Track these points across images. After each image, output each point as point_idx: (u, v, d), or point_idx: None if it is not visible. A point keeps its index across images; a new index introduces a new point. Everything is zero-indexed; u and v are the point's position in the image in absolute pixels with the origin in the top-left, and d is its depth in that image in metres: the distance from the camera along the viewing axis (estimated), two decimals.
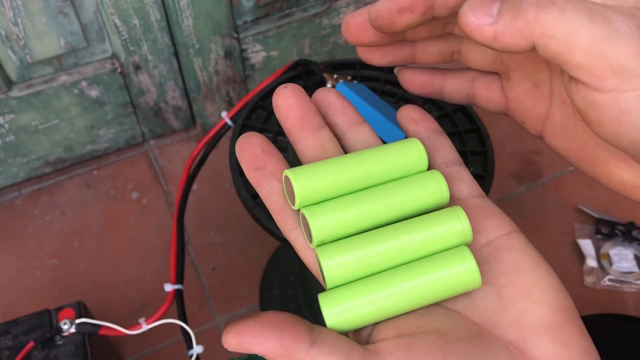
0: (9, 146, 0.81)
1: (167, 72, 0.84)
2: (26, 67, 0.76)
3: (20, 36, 0.72)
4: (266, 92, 0.54)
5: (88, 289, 0.76)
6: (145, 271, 0.77)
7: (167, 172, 0.89)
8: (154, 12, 0.76)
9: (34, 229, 0.82)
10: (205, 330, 0.72)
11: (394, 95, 0.54)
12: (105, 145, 0.89)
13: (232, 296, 0.75)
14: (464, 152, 0.49)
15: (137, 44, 0.79)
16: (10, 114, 0.78)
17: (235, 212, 0.83)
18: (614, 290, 0.75)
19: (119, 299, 0.75)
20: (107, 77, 0.81)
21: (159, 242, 0.80)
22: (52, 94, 0.79)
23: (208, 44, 0.81)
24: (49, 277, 0.77)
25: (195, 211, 0.84)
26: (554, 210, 0.83)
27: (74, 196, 0.86)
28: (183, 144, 0.93)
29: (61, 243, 0.81)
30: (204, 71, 0.85)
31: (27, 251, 0.80)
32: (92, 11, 0.74)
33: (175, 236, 0.47)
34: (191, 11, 0.76)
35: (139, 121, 0.89)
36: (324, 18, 0.88)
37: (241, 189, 0.46)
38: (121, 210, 0.84)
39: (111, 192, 0.86)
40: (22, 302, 0.75)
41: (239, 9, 0.82)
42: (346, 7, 0.89)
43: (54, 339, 0.51)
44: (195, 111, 0.91)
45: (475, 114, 0.52)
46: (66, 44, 0.75)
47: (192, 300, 0.75)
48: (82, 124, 0.84)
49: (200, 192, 0.86)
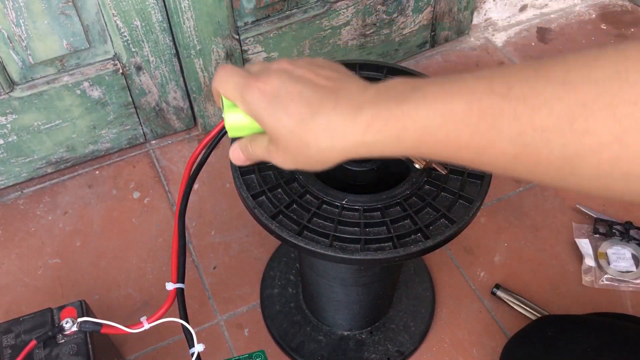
0: (12, 146, 0.82)
1: (169, 73, 0.85)
2: (28, 67, 0.76)
3: (22, 37, 0.72)
4: None
5: (90, 288, 0.76)
6: (146, 270, 0.78)
7: (169, 172, 0.89)
8: (155, 13, 0.76)
9: (36, 228, 0.83)
10: (206, 329, 0.73)
11: None
12: (107, 145, 0.90)
13: (232, 295, 0.76)
14: None
15: (139, 45, 0.79)
16: (13, 115, 0.79)
17: (236, 212, 0.84)
18: (612, 289, 0.75)
19: (121, 298, 0.75)
20: (109, 78, 0.81)
21: (160, 241, 0.81)
22: (55, 94, 0.79)
23: (209, 45, 0.82)
24: (51, 276, 0.77)
25: (196, 211, 0.84)
26: (552, 210, 0.84)
27: (76, 196, 0.86)
28: (184, 144, 0.93)
29: (63, 242, 0.81)
30: (205, 72, 0.85)
31: (29, 250, 0.80)
32: (94, 12, 0.75)
33: (177, 235, 0.48)
34: (192, 13, 0.77)
35: (140, 121, 0.89)
36: (324, 19, 0.89)
37: (242, 189, 0.47)
38: (123, 209, 0.85)
39: (113, 191, 0.87)
40: (25, 301, 0.75)
41: (239, 11, 0.82)
42: (346, 8, 0.89)
43: (56, 337, 0.51)
44: (197, 111, 0.91)
45: None
46: (68, 45, 0.75)
47: (193, 299, 0.75)
48: (84, 125, 0.85)
49: (201, 192, 0.86)
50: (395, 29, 0.98)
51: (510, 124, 0.30)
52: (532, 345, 0.58)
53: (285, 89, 0.38)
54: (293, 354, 0.69)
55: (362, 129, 0.35)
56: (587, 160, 0.28)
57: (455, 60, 1.05)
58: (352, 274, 0.57)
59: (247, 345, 0.71)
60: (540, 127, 0.29)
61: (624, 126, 0.27)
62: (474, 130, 0.31)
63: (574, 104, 0.28)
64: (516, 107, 0.30)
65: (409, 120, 0.33)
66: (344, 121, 0.35)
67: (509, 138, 0.30)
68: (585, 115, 0.28)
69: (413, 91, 0.34)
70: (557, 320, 0.60)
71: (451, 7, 1.02)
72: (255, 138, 0.41)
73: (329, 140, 0.36)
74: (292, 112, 0.37)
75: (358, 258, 0.42)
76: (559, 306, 0.74)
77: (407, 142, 0.34)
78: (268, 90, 0.38)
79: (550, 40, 1.09)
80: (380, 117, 0.34)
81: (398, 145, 0.34)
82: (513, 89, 0.30)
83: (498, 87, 0.31)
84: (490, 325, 0.73)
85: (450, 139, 0.32)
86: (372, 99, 0.35)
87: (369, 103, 0.35)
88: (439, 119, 0.32)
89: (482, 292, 0.76)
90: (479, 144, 0.32)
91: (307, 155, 0.38)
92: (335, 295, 0.62)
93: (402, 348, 0.70)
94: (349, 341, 0.70)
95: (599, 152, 0.28)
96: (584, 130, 0.28)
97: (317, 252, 0.43)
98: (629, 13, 1.15)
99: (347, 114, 0.35)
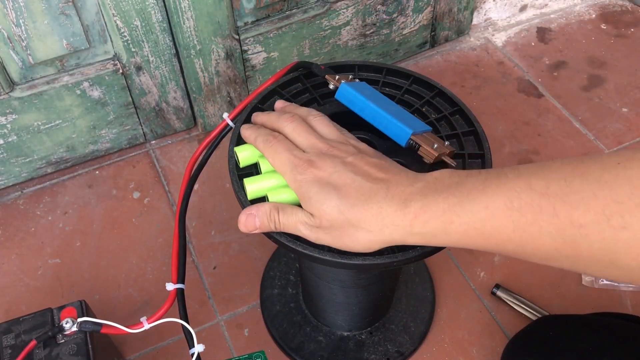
0: (12, 146, 0.82)
1: (169, 73, 0.85)
2: (28, 67, 0.76)
3: (22, 37, 0.72)
4: (267, 94, 0.54)
5: (90, 288, 0.76)
6: (146, 270, 0.78)
7: (169, 172, 0.89)
8: (155, 13, 0.76)
9: (36, 228, 0.83)
10: (206, 329, 0.73)
11: (393, 98, 0.55)
12: (107, 145, 0.90)
13: (232, 295, 0.76)
14: (462, 155, 0.50)
15: (139, 45, 0.79)
16: (13, 115, 0.79)
17: (236, 212, 0.83)
18: (612, 289, 0.75)
19: (121, 298, 0.75)
20: (109, 78, 0.81)
21: (160, 241, 0.81)
22: (54, 94, 0.79)
23: (209, 45, 0.82)
24: (51, 276, 0.77)
25: (196, 211, 0.84)
26: None
27: (76, 196, 0.86)
28: (184, 144, 0.93)
29: (63, 242, 0.81)
30: (205, 72, 0.85)
31: (29, 250, 0.80)
32: (94, 12, 0.75)
33: (177, 236, 0.48)
34: (192, 12, 0.77)
35: (140, 121, 0.89)
36: (324, 19, 0.89)
37: (240, 193, 0.47)
38: (123, 209, 0.85)
39: (113, 191, 0.87)
40: (25, 301, 0.75)
41: (239, 11, 0.82)
42: (346, 8, 0.89)
43: (56, 337, 0.51)
44: (197, 112, 0.91)
45: (474, 117, 0.52)
46: (68, 45, 0.75)
47: (193, 299, 0.75)
48: (84, 125, 0.85)
49: (201, 192, 0.86)
50: (395, 29, 0.98)
51: (549, 220, 0.32)
52: (534, 346, 0.58)
53: (339, 175, 0.40)
54: (293, 354, 0.69)
55: (411, 220, 0.37)
56: (626, 253, 0.30)
57: (455, 60, 1.05)
58: (351, 276, 0.57)
59: (247, 345, 0.72)
60: (578, 223, 0.31)
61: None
62: (515, 226, 0.33)
63: (610, 201, 0.30)
64: (555, 204, 0.32)
65: (454, 214, 0.36)
66: (395, 210, 0.37)
67: (548, 233, 0.32)
68: (621, 211, 0.30)
69: (458, 186, 0.36)
70: (558, 320, 0.61)
71: (451, 7, 1.02)
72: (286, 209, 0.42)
73: (379, 225, 0.38)
74: (344, 195, 0.39)
75: (356, 263, 0.42)
76: (559, 306, 0.74)
77: (452, 234, 0.36)
78: (321, 177, 0.40)
79: (550, 40, 1.09)
80: (428, 210, 0.36)
81: (444, 237, 0.37)
82: (551, 186, 0.32)
83: (537, 185, 0.33)
84: (490, 325, 0.73)
85: (493, 233, 0.34)
86: (420, 191, 0.37)
87: (418, 195, 0.37)
88: (483, 214, 0.34)
89: (482, 292, 0.76)
90: (521, 238, 0.33)
91: (353, 237, 0.39)
92: (334, 296, 0.62)
93: (402, 348, 0.70)
94: (349, 342, 0.70)
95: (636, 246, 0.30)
96: (620, 225, 0.30)
97: (315, 257, 0.43)
98: (629, 13, 1.15)
99: (397, 203, 0.37)
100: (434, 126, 0.52)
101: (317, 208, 0.39)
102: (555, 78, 1.03)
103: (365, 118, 0.49)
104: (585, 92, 1.01)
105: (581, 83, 1.02)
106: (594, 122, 0.95)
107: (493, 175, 0.36)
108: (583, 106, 0.98)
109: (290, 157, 0.42)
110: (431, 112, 0.54)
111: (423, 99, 0.55)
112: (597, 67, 1.04)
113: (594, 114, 0.97)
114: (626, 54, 1.06)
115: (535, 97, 1.00)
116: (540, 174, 0.33)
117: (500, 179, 0.35)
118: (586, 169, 0.32)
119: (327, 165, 0.40)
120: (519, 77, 1.03)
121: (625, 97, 0.99)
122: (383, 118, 0.48)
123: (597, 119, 0.96)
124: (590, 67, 1.04)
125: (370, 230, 0.38)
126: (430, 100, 0.54)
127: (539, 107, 0.98)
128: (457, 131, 0.51)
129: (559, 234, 0.32)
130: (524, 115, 0.96)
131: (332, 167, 0.40)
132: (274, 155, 0.43)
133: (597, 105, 0.98)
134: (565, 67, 1.04)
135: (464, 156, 0.49)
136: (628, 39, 1.09)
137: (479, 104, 0.97)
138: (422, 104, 0.54)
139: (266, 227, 0.43)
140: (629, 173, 0.30)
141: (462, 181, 0.37)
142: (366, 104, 0.49)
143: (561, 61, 1.06)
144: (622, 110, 0.97)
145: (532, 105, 0.98)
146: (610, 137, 0.93)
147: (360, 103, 0.49)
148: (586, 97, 1.00)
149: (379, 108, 0.48)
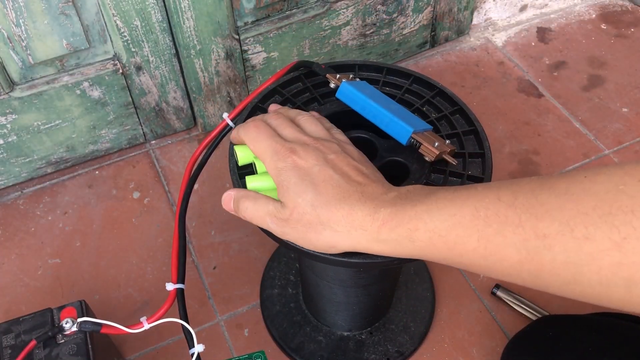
0: (12, 146, 0.82)
1: (169, 73, 0.85)
2: (28, 67, 0.76)
3: (22, 37, 0.72)
4: (267, 94, 0.54)
5: (90, 288, 0.76)
6: (146, 270, 0.78)
7: (169, 172, 0.89)
8: (155, 13, 0.76)
9: (36, 228, 0.83)
10: (206, 329, 0.73)
11: (393, 97, 0.55)
12: (107, 145, 0.90)
13: (232, 295, 0.76)
14: (462, 154, 0.50)
15: (139, 45, 0.79)
16: (13, 115, 0.79)
17: None
18: None
19: (121, 298, 0.75)
20: (108, 78, 0.81)
21: (160, 241, 0.81)
22: (54, 94, 0.79)
23: (209, 45, 0.82)
24: (51, 276, 0.77)
25: (196, 210, 0.84)
26: None
27: (76, 196, 0.86)
28: (184, 144, 0.93)
29: (63, 242, 0.81)
30: (205, 72, 0.85)
31: (29, 250, 0.80)
32: (94, 12, 0.75)
33: (177, 236, 0.48)
34: (192, 12, 0.77)
35: (140, 121, 0.89)
36: (324, 19, 0.89)
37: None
38: (123, 209, 0.85)
39: (113, 191, 0.87)
40: (24, 301, 0.75)
41: (239, 11, 0.82)
42: (346, 8, 0.89)
43: (56, 337, 0.51)
44: (197, 112, 0.91)
45: (474, 116, 0.52)
46: (68, 45, 0.75)
47: (193, 299, 0.75)
48: (84, 124, 0.85)
49: (201, 192, 0.86)
50: (395, 29, 0.98)
51: (514, 230, 0.32)
52: (534, 346, 0.58)
53: (319, 170, 0.40)
54: (293, 354, 0.69)
55: (378, 226, 0.37)
56: (589, 266, 0.30)
57: (455, 60, 1.05)
58: (351, 275, 0.57)
59: (247, 345, 0.72)
60: (542, 234, 0.31)
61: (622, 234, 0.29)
62: (480, 235, 0.34)
63: (575, 212, 0.30)
64: (521, 215, 0.32)
65: (420, 221, 0.36)
66: (365, 215, 0.38)
67: (513, 244, 0.32)
68: (585, 222, 0.30)
69: (427, 196, 0.37)
70: (558, 320, 0.61)
71: (451, 7, 1.02)
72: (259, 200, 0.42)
73: (347, 227, 0.38)
74: (320, 192, 0.39)
75: (356, 261, 0.42)
76: (559, 306, 0.74)
77: (417, 242, 0.36)
78: (302, 166, 0.40)
79: (550, 40, 1.09)
80: (395, 217, 0.37)
81: (409, 245, 0.37)
82: (518, 198, 0.33)
83: (505, 196, 0.33)
84: (490, 325, 0.73)
85: (458, 241, 0.35)
86: (391, 200, 0.38)
87: (388, 203, 0.38)
88: (449, 222, 0.35)
89: (482, 292, 0.76)
90: (485, 248, 0.34)
91: (319, 234, 0.39)
92: (334, 296, 0.62)
93: (402, 348, 0.70)
94: (349, 342, 0.70)
95: (599, 259, 0.29)
96: (584, 236, 0.30)
97: (314, 255, 0.43)
98: (629, 13, 1.15)
99: (369, 208, 0.38)
100: (434, 125, 0.52)
101: (292, 200, 0.39)
102: (555, 78, 1.03)
103: (366, 117, 0.49)
104: (585, 92, 1.01)
105: (581, 83, 1.02)
106: (594, 122, 0.95)
107: (464, 188, 0.37)
108: (583, 106, 0.98)
109: (272, 144, 0.42)
110: (431, 111, 0.54)
111: (423, 98, 0.55)
112: (597, 67, 1.04)
113: (594, 114, 0.97)
114: (626, 54, 1.07)
115: (535, 97, 1.00)
116: (510, 187, 0.34)
117: (470, 191, 0.36)
118: (554, 183, 0.32)
119: (310, 157, 0.40)
120: (519, 77, 1.03)
121: (625, 97, 0.99)
122: (384, 116, 0.48)
123: (597, 119, 0.96)
124: (590, 67, 1.04)
125: (337, 230, 0.38)
126: (430, 100, 0.54)
127: (539, 107, 0.98)
128: (458, 130, 0.51)
129: (523, 244, 0.32)
130: (524, 115, 0.96)
131: (314, 160, 0.40)
132: (255, 142, 0.43)
133: (597, 105, 0.98)
134: (565, 67, 1.04)
135: (464, 155, 0.49)
136: (628, 39, 1.09)
137: (479, 103, 0.97)
138: (423, 104, 0.54)
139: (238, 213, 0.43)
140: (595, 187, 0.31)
141: (433, 192, 0.37)
142: (367, 103, 0.49)
143: (561, 61, 1.06)
144: (622, 110, 0.97)
145: (532, 105, 0.98)
146: (610, 137, 0.93)
147: (362, 102, 0.49)
148: (586, 97, 1.00)
149: (380, 106, 0.48)
